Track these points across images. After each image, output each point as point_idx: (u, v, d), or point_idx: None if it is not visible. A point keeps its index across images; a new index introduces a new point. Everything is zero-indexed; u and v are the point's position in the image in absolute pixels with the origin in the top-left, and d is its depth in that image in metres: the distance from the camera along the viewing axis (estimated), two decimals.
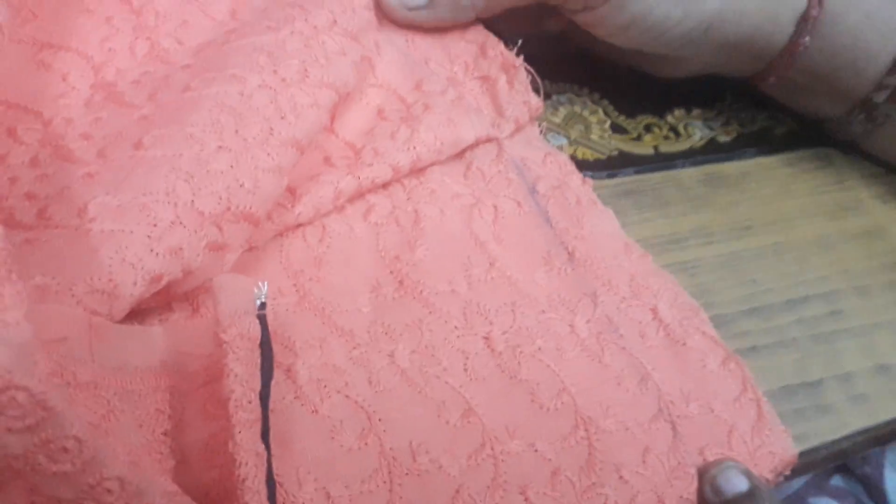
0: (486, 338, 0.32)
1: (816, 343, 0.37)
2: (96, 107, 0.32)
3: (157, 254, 0.27)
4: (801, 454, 0.33)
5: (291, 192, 0.32)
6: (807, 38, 0.39)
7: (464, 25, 0.42)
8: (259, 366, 0.25)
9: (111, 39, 0.34)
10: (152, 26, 0.35)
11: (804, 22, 0.39)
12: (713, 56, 0.41)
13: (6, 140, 0.30)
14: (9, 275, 0.18)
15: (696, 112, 0.45)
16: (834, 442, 0.34)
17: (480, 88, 0.40)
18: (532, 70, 0.40)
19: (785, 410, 0.33)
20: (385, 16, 0.41)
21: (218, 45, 0.34)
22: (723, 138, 0.44)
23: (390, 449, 0.29)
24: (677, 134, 0.43)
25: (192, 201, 0.28)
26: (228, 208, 0.29)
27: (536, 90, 0.40)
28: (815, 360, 0.36)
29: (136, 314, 0.28)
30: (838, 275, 0.39)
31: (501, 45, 0.41)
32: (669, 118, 0.44)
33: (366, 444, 0.29)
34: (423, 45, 0.41)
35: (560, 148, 0.41)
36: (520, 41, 0.40)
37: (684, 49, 0.40)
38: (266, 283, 0.27)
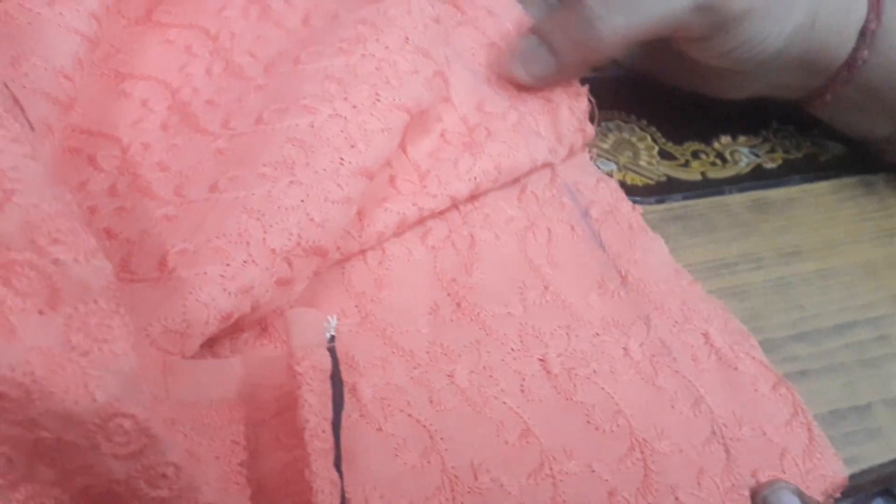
0: (541, 360, 0.33)
1: (864, 367, 0.37)
2: (172, 131, 0.33)
3: (229, 293, 0.28)
4: (851, 477, 0.33)
5: (358, 218, 0.33)
6: (865, 52, 0.40)
7: None
8: (331, 396, 0.26)
9: (189, 65, 0.36)
10: (228, 48, 0.36)
11: (863, 36, 0.40)
12: (781, 74, 0.42)
13: (86, 167, 0.32)
14: (117, 308, 0.20)
15: (741, 139, 0.46)
16: (882, 465, 0.35)
17: (542, 109, 0.40)
18: (592, 99, 0.41)
19: (834, 434, 0.34)
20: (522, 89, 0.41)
21: (291, 62, 0.35)
22: (769, 165, 0.44)
23: (452, 467, 0.29)
24: (724, 160, 0.44)
25: (264, 239, 0.29)
26: (298, 244, 0.30)
27: (591, 118, 0.41)
28: (864, 385, 0.37)
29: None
30: (885, 300, 0.40)
31: None
32: (716, 145, 0.45)
33: (428, 462, 0.30)
34: (488, 59, 0.41)
35: (609, 173, 0.42)
36: None
37: (764, 66, 0.40)
38: (335, 316, 0.28)
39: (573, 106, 0.40)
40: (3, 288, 0.19)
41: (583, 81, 0.41)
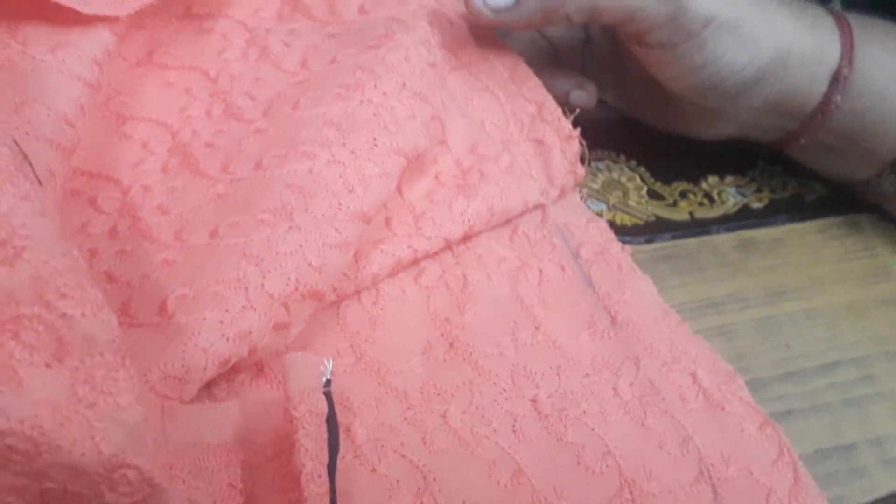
0: (532, 400, 0.33)
1: (849, 407, 0.38)
2: (172, 173, 0.34)
3: (227, 338, 0.28)
4: None
5: (354, 260, 0.34)
6: (838, 97, 0.41)
7: (522, 79, 0.43)
8: (326, 440, 0.27)
9: (189, 107, 0.36)
10: (227, 90, 0.37)
11: (836, 81, 0.41)
12: (753, 114, 0.42)
13: (87, 209, 0.32)
14: (122, 361, 0.20)
15: (728, 179, 0.46)
16: None
17: (534, 151, 0.41)
18: (583, 142, 0.41)
19: (819, 473, 0.35)
20: (472, 21, 0.41)
21: (290, 107, 0.35)
22: (755, 205, 0.45)
23: None
24: (711, 200, 0.45)
25: (262, 284, 0.30)
26: (296, 288, 0.30)
27: (581, 159, 0.41)
28: (848, 424, 0.37)
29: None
30: (869, 340, 0.41)
31: (560, 112, 0.42)
32: (704, 185, 0.46)
33: (422, 503, 0.30)
34: (481, 103, 0.42)
35: (599, 213, 0.43)
36: (577, 110, 0.42)
37: (732, 102, 0.41)
38: (331, 360, 0.28)
39: (565, 148, 0.41)
40: (12, 341, 0.20)
41: (574, 124, 0.41)
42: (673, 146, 0.46)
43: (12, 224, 0.19)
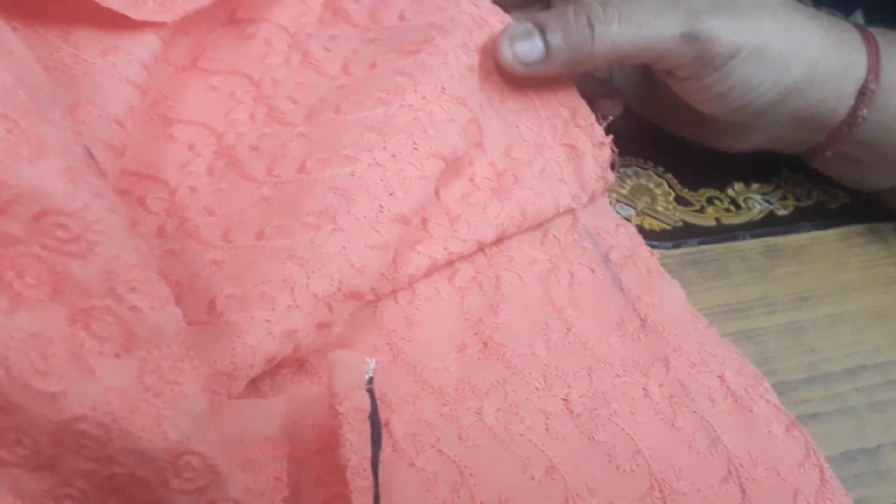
0: (564, 399, 0.34)
1: (873, 411, 0.39)
2: (218, 175, 0.35)
3: (274, 336, 0.29)
4: None
5: (391, 261, 0.34)
6: (864, 111, 0.41)
7: (557, 85, 0.44)
8: (370, 435, 0.27)
9: (234, 111, 0.37)
10: (270, 94, 0.38)
11: (862, 95, 0.41)
12: (780, 128, 0.43)
13: (136, 209, 0.33)
14: (188, 352, 0.21)
15: (754, 186, 0.47)
16: None
17: (566, 156, 0.42)
18: (615, 149, 0.42)
19: (845, 475, 0.35)
20: (502, 71, 0.42)
21: (332, 111, 0.36)
22: (781, 212, 0.46)
23: (481, 502, 0.31)
24: (738, 207, 0.46)
25: (307, 285, 0.30)
26: (339, 289, 0.31)
27: (611, 165, 0.42)
28: (873, 427, 0.38)
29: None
30: (893, 345, 0.41)
31: (593, 118, 0.43)
32: (730, 191, 0.47)
33: (458, 496, 0.31)
34: (516, 106, 0.43)
35: (628, 218, 0.43)
36: (610, 118, 0.43)
37: (760, 119, 0.42)
38: (374, 359, 0.29)
39: (597, 154, 0.42)
40: (83, 332, 0.21)
41: (606, 131, 0.42)
42: (700, 154, 0.47)
43: (87, 219, 0.20)
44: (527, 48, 0.41)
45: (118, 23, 0.34)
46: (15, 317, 0.20)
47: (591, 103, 0.44)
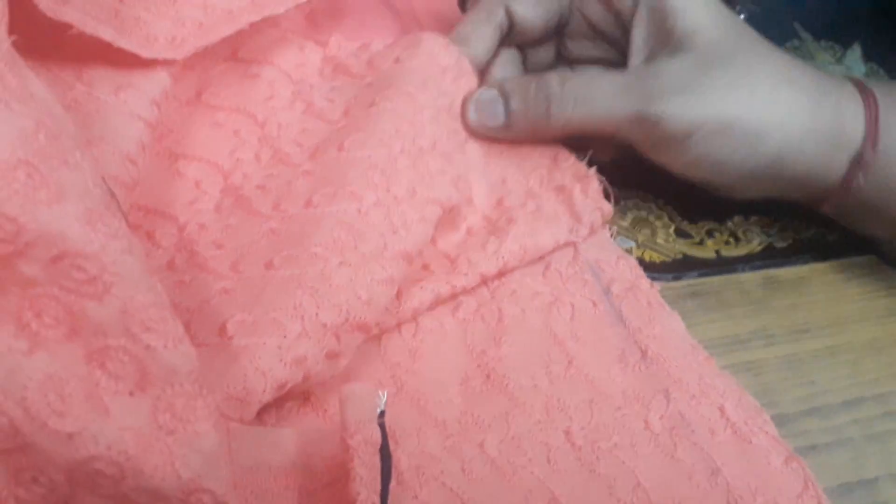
0: (566, 432, 0.35)
1: (871, 442, 0.39)
2: (226, 212, 0.36)
3: (285, 363, 0.30)
4: None
5: (396, 295, 0.35)
6: (860, 176, 0.41)
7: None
8: (379, 469, 0.28)
9: (239, 150, 0.38)
10: (275, 136, 0.39)
11: (857, 164, 0.40)
12: (769, 189, 0.43)
13: (146, 243, 0.34)
14: (200, 390, 0.22)
15: (753, 219, 0.48)
16: None
17: (556, 198, 0.42)
18: (603, 178, 0.43)
19: None
20: (470, 133, 0.43)
21: (335, 148, 0.37)
22: (780, 244, 0.47)
23: None
24: (737, 239, 0.46)
25: (317, 314, 0.31)
26: (347, 319, 0.32)
27: (607, 196, 0.43)
28: (871, 459, 0.38)
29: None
30: (891, 377, 0.42)
31: (573, 157, 0.44)
32: (729, 224, 0.47)
33: None
34: (500, 164, 0.43)
35: (628, 250, 0.44)
36: (590, 152, 0.43)
37: (744, 182, 0.42)
38: (386, 392, 0.29)
39: (584, 187, 0.42)
40: (99, 371, 0.21)
41: (600, 163, 0.43)
42: (699, 188, 0.47)
43: (103, 261, 0.21)
44: (490, 114, 0.43)
45: (130, 61, 0.34)
46: (33, 358, 0.20)
47: (584, 148, 0.44)
